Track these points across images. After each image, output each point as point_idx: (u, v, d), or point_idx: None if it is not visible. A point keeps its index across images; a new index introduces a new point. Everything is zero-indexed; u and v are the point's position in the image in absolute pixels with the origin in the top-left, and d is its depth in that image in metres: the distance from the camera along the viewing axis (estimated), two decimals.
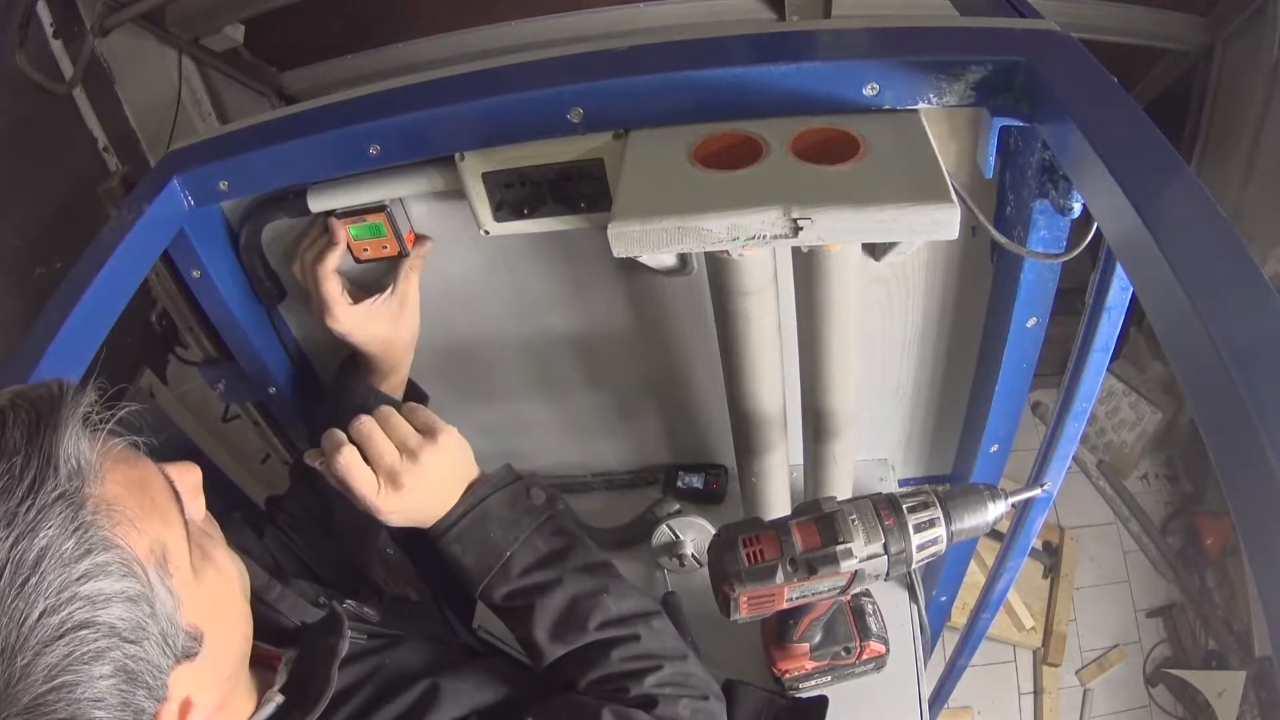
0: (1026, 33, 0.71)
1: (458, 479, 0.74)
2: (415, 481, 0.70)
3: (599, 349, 1.14)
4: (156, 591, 0.47)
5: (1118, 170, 0.53)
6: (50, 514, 0.43)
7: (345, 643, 0.63)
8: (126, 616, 0.45)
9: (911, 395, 1.18)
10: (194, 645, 0.50)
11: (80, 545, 0.44)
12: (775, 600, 0.77)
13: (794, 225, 0.65)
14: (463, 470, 0.75)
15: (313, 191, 0.89)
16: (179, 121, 1.75)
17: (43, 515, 0.43)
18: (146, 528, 0.47)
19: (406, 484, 0.70)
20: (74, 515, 0.44)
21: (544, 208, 0.85)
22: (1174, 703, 2.27)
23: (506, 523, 0.73)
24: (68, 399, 0.47)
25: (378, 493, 0.69)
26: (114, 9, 1.48)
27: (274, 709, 0.59)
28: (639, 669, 0.71)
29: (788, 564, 0.75)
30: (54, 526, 0.43)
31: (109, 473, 0.47)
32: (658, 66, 0.74)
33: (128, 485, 0.48)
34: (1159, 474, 2.62)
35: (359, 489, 0.69)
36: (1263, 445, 0.37)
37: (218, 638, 0.52)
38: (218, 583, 0.54)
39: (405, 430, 0.72)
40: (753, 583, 0.75)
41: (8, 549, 0.42)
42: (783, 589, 0.76)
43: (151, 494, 0.50)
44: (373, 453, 0.70)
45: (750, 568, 0.75)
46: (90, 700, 0.44)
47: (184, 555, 0.50)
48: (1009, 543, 1.16)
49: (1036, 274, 0.84)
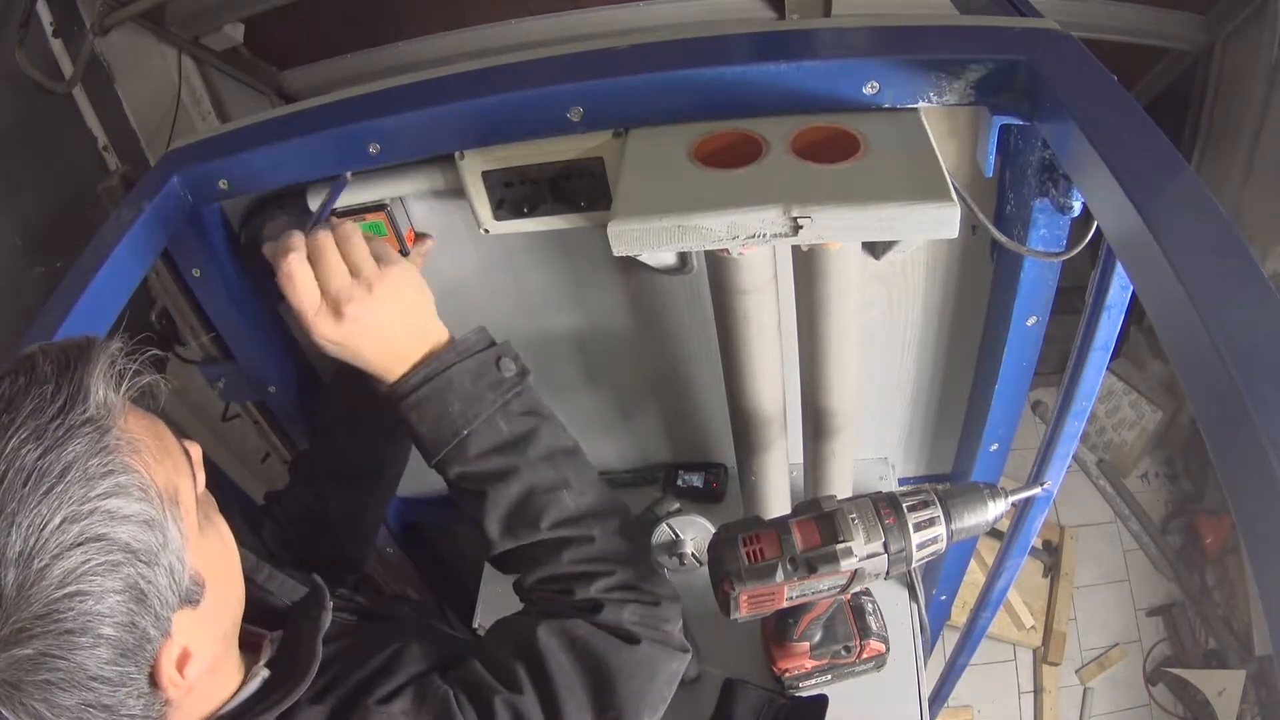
0: (1027, 31, 0.71)
1: (408, 328, 0.69)
2: (359, 313, 0.65)
3: (599, 348, 1.14)
4: (169, 524, 0.49)
5: (1118, 169, 0.53)
6: (78, 433, 0.46)
7: (328, 615, 0.64)
8: (141, 538, 0.47)
9: (911, 394, 1.18)
10: (197, 591, 0.52)
11: (103, 464, 0.46)
12: (775, 599, 0.77)
13: (794, 224, 0.65)
14: (417, 320, 0.70)
15: (313, 190, 0.89)
16: (179, 120, 1.74)
17: (70, 434, 0.46)
18: (162, 468, 0.50)
19: (348, 314, 0.65)
20: (99, 438, 0.47)
21: (544, 206, 0.85)
22: (1174, 702, 2.27)
23: (468, 396, 0.68)
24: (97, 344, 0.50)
25: (315, 312, 0.65)
26: (114, 8, 1.47)
27: (260, 683, 0.60)
28: (588, 572, 0.69)
29: (788, 563, 0.75)
30: (81, 444, 0.46)
31: (130, 415, 0.51)
32: (658, 65, 0.74)
33: (147, 430, 0.51)
34: (1159, 473, 2.62)
35: (297, 301, 0.65)
36: (1263, 445, 0.37)
37: (217, 592, 0.54)
38: (219, 543, 0.56)
39: (363, 255, 0.67)
40: (753, 581, 0.75)
41: (35, 459, 0.44)
42: (783, 588, 0.76)
43: (166, 444, 0.53)
44: (321, 268, 0.65)
45: (750, 566, 0.75)
46: (100, 614, 0.45)
47: (192, 505, 0.53)
48: (1009, 541, 1.16)
49: (1036, 273, 0.84)
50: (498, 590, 1.26)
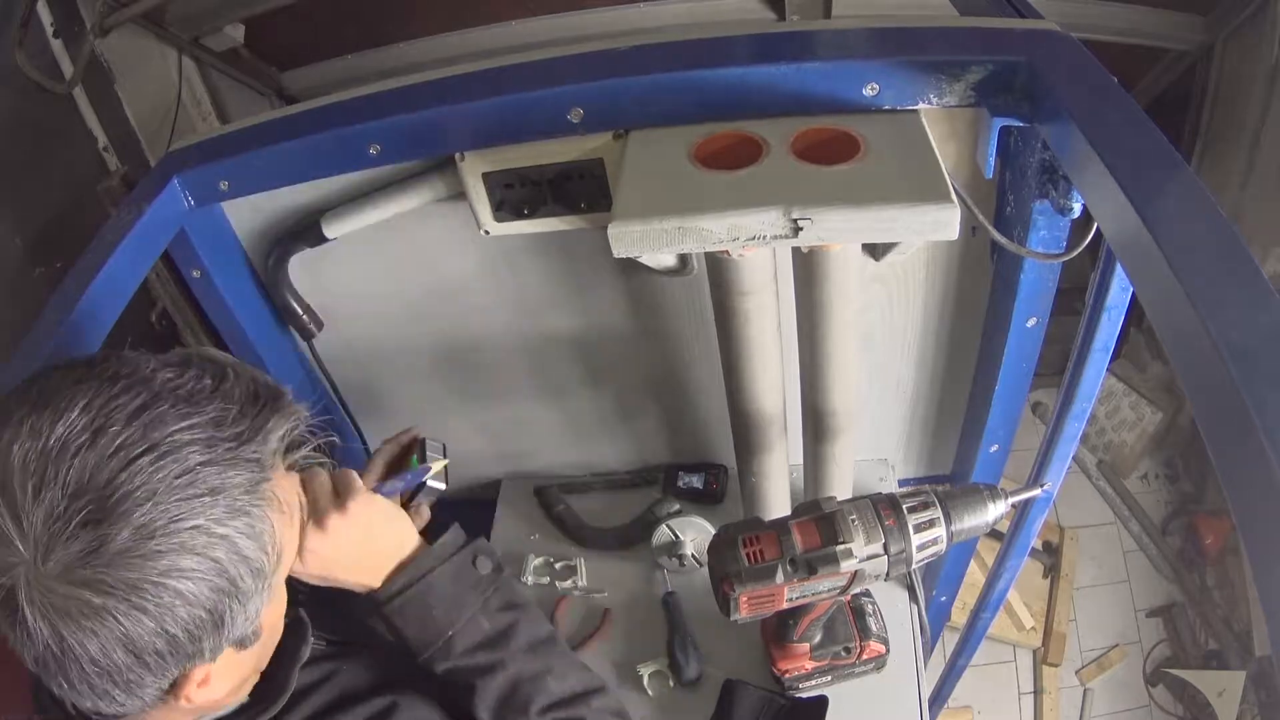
0: (1027, 33, 0.71)
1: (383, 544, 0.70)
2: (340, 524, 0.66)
3: (599, 349, 1.14)
4: (271, 580, 0.52)
5: (1118, 170, 0.53)
6: (242, 466, 0.49)
7: (308, 648, 0.65)
8: (247, 581, 0.50)
9: (911, 395, 1.18)
10: (253, 639, 0.54)
11: (250, 504, 0.50)
12: (775, 600, 0.77)
13: (794, 225, 0.65)
14: (391, 540, 0.70)
15: (327, 219, 0.90)
16: (179, 121, 1.74)
17: (236, 462, 0.49)
18: (288, 533, 0.55)
19: (331, 526, 0.66)
20: (257, 482, 0.50)
21: (544, 208, 0.85)
22: (1174, 702, 2.27)
23: (449, 599, 0.69)
24: (289, 397, 0.54)
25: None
26: (114, 8, 1.47)
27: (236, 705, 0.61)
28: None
29: (788, 564, 0.75)
30: (241, 476, 0.49)
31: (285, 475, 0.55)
32: (658, 66, 0.74)
33: (290, 492, 0.55)
34: (1159, 474, 2.62)
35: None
36: (1263, 445, 0.37)
37: (264, 644, 0.58)
38: (281, 603, 0.59)
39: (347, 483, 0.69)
40: (753, 583, 0.75)
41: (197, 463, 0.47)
42: (783, 589, 0.76)
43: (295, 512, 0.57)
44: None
45: (750, 567, 0.75)
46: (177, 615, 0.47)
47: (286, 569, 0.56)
48: (1009, 542, 1.16)
49: (1036, 274, 0.84)
50: None
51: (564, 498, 1.32)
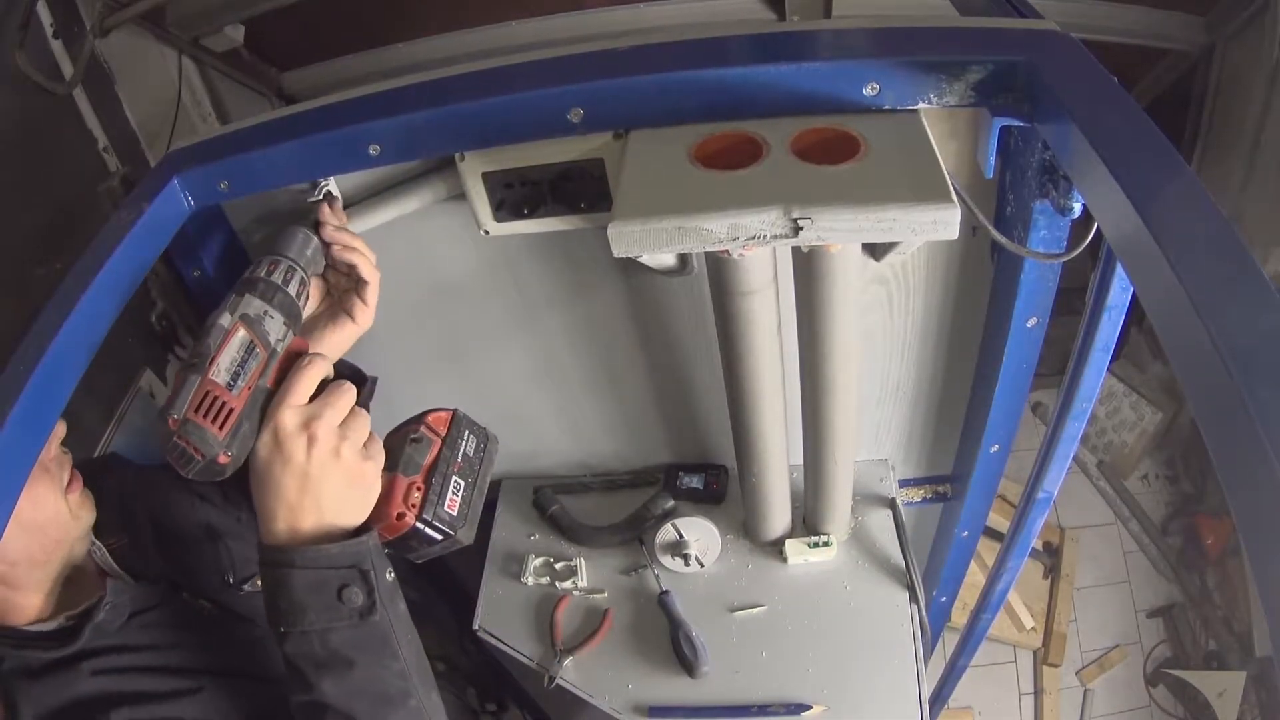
0: (1027, 33, 0.71)
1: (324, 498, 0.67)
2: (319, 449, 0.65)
3: (599, 349, 1.14)
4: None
5: (1118, 170, 0.53)
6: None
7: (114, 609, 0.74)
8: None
9: (912, 395, 1.18)
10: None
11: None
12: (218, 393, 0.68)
13: (794, 225, 0.65)
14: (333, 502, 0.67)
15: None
16: (179, 121, 1.74)
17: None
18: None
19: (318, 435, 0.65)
20: None
21: (544, 208, 0.85)
22: (1174, 703, 2.27)
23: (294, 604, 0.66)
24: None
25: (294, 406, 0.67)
26: (114, 9, 1.47)
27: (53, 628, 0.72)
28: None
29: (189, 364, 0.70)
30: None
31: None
32: (658, 66, 0.74)
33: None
34: (1159, 474, 2.62)
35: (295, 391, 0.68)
36: (1263, 445, 0.37)
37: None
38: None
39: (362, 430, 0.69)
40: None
41: None
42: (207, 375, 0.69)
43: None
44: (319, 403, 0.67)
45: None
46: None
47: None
48: (1009, 543, 1.16)
49: (1037, 274, 0.84)
50: (498, 591, 1.26)
51: (558, 498, 1.33)
